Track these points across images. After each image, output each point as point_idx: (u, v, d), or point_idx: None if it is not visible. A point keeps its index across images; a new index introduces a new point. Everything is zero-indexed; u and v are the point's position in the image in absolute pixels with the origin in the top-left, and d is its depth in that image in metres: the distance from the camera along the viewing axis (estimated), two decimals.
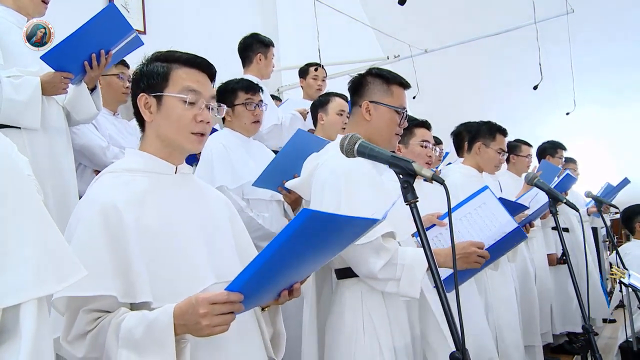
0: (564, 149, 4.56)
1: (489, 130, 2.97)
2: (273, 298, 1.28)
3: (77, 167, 2.49)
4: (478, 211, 2.05)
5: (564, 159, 4.59)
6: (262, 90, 2.67)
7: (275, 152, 2.91)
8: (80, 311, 1.19)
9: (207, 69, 1.40)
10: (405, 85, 1.92)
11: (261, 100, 2.62)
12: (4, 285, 0.70)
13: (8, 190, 0.75)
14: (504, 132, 3.00)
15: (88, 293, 1.15)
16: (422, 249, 1.71)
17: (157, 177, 1.35)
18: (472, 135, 3.00)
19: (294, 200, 2.58)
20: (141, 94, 1.35)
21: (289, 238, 0.99)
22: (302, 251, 1.11)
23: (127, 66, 2.76)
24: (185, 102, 1.32)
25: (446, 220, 2.04)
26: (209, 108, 1.36)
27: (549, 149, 4.53)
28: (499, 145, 2.95)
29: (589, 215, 4.84)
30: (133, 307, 1.22)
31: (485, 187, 2.11)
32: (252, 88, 2.59)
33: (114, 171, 1.34)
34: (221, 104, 1.42)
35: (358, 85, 1.91)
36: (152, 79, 1.34)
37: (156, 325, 1.13)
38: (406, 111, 1.90)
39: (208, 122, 1.36)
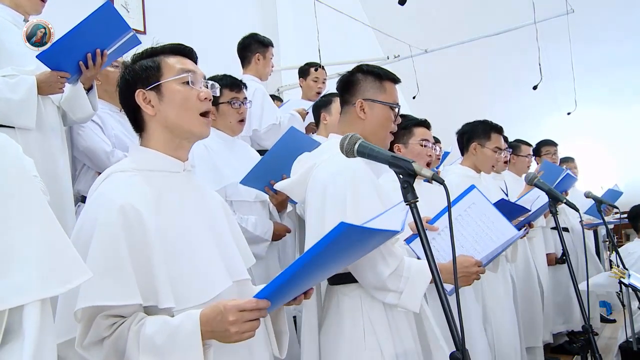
0: (550, 144, 4.53)
1: (483, 130, 2.93)
2: (292, 298, 1.29)
3: (80, 167, 2.48)
4: (468, 212, 2.02)
5: (555, 156, 4.55)
6: (246, 87, 2.60)
7: (260, 151, 2.88)
8: (97, 317, 1.17)
9: (190, 54, 1.40)
10: (396, 80, 1.88)
11: (245, 98, 2.55)
12: (8, 286, 0.70)
13: (14, 191, 0.75)
14: (499, 131, 2.95)
15: (116, 302, 1.14)
16: (425, 262, 1.70)
17: (168, 176, 1.32)
18: (467, 136, 2.97)
19: (280, 202, 2.52)
20: (138, 91, 1.31)
21: (324, 249, 1.00)
22: (330, 260, 1.12)
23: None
24: (187, 82, 1.31)
25: (437, 224, 2.00)
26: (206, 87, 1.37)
27: (536, 150, 4.53)
28: (494, 145, 2.90)
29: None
30: (148, 309, 1.20)
31: (472, 187, 2.08)
32: (237, 85, 2.51)
33: (124, 170, 1.30)
34: (214, 83, 1.40)
35: (349, 83, 1.87)
36: (144, 72, 1.32)
37: (181, 331, 1.12)
38: (399, 107, 1.87)
39: (210, 100, 1.36)
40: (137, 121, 1.36)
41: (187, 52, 1.39)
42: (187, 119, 1.32)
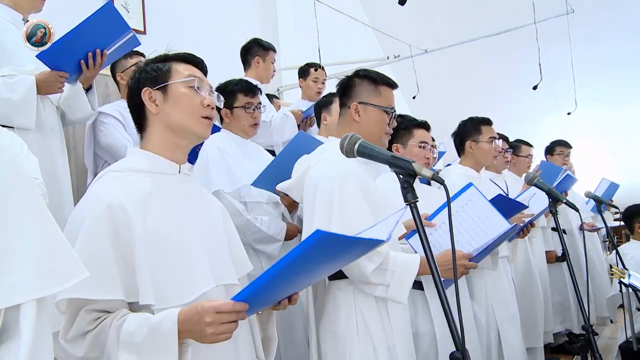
0: (565, 145, 4.52)
1: (472, 126, 2.94)
2: (272, 305, 1.30)
3: (102, 164, 2.50)
4: (465, 209, 2.06)
5: (567, 158, 4.53)
6: (261, 92, 2.67)
7: (269, 151, 2.91)
8: (81, 311, 1.19)
9: (201, 66, 1.45)
10: (392, 85, 1.93)
11: (260, 103, 2.61)
12: (5, 285, 0.70)
13: (12, 190, 0.75)
14: (488, 122, 2.96)
15: (96, 296, 1.16)
16: (411, 255, 1.77)
17: (161, 177, 1.35)
18: (460, 137, 2.98)
19: (291, 203, 2.60)
20: (145, 89, 1.37)
21: (300, 256, 1.00)
22: (309, 267, 1.12)
23: (143, 55, 2.71)
24: (193, 86, 1.37)
25: (434, 220, 2.05)
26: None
27: (549, 148, 4.53)
28: (487, 136, 2.91)
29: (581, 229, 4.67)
30: (132, 306, 1.23)
31: (470, 185, 2.13)
32: (252, 90, 2.58)
33: (118, 170, 1.34)
34: (219, 94, 1.45)
35: (346, 87, 1.94)
36: (154, 72, 1.38)
37: (159, 329, 1.14)
38: (395, 111, 1.91)
39: (213, 108, 1.40)
40: (140, 120, 1.41)
41: (197, 62, 1.44)
42: (189, 119, 1.36)
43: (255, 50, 3.43)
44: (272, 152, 3.19)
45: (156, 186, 1.32)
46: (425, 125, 2.50)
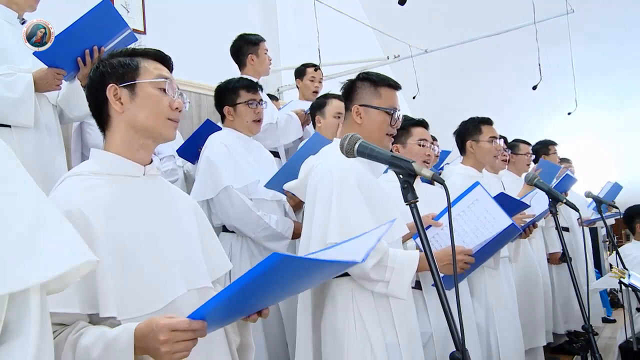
0: (555, 144, 4.55)
1: (473, 126, 2.95)
2: (241, 317, 1.25)
3: None
4: (471, 208, 2.07)
5: (558, 156, 4.56)
6: (262, 89, 2.68)
7: (272, 152, 2.91)
8: None
9: (168, 63, 1.39)
10: (393, 86, 1.93)
11: (261, 99, 2.63)
12: (6, 272, 0.68)
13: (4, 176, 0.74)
14: (488, 122, 2.96)
15: (54, 309, 1.06)
16: (411, 251, 1.78)
17: (125, 180, 1.29)
18: (461, 136, 2.99)
19: (298, 203, 2.64)
20: (110, 85, 1.29)
21: (255, 278, 0.96)
22: (271, 287, 1.08)
23: None
24: (162, 88, 1.31)
25: (441, 220, 2.07)
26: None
27: (542, 148, 4.52)
28: (488, 135, 2.91)
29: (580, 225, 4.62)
30: (93, 317, 1.16)
31: (477, 183, 2.13)
32: (254, 87, 2.61)
33: (80, 174, 1.26)
34: (182, 92, 1.38)
35: (348, 91, 1.95)
36: (121, 69, 1.30)
37: (115, 345, 1.08)
38: (397, 111, 1.91)
39: (181, 110, 1.34)
40: (102, 117, 1.33)
41: (166, 60, 1.38)
42: (156, 121, 1.30)
43: (246, 49, 3.30)
44: (275, 154, 3.19)
45: (120, 189, 1.26)
46: (422, 123, 2.51)
